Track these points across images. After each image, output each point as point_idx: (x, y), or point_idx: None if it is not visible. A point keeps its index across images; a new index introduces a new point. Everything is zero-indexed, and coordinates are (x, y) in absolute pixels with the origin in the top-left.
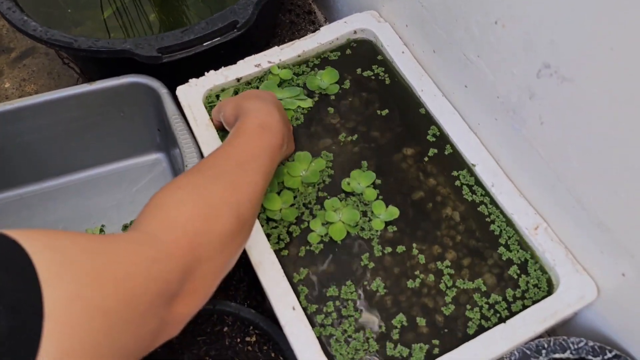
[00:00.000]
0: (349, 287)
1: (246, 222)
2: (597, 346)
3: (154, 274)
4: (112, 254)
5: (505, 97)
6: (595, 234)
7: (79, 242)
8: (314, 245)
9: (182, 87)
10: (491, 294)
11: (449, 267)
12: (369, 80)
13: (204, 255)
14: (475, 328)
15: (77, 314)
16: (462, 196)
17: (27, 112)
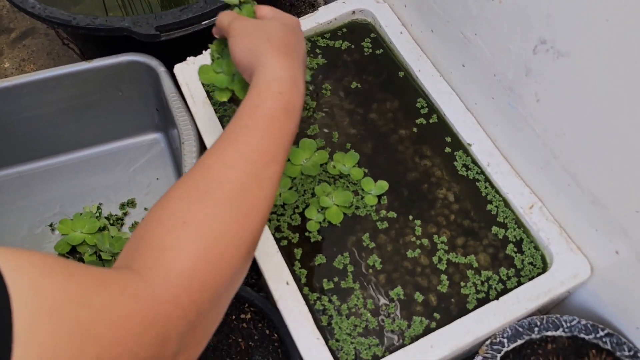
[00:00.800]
0: (345, 263)
1: (255, 248)
2: (590, 324)
3: (146, 340)
4: (101, 309)
5: (502, 75)
6: (589, 212)
7: (69, 286)
8: (314, 233)
9: (180, 65)
10: (485, 271)
11: (444, 244)
12: (366, 62)
13: (207, 308)
14: (469, 304)
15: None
16: (458, 176)
17: (26, 89)
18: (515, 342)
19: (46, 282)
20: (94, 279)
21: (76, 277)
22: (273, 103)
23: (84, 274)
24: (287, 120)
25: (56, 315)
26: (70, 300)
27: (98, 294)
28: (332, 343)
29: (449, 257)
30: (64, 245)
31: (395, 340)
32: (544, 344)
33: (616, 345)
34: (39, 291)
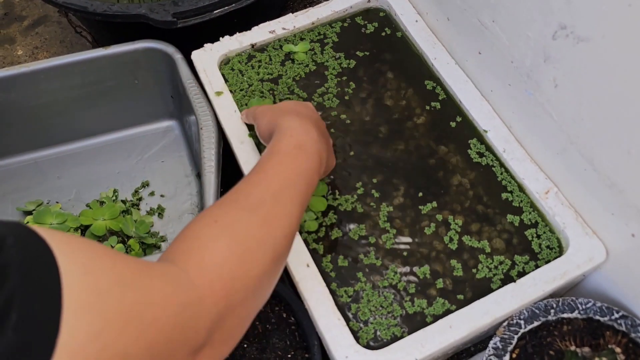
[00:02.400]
0: (363, 245)
1: (280, 259)
2: (605, 307)
3: (181, 321)
4: (144, 291)
5: (520, 62)
6: (606, 196)
7: (116, 269)
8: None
9: (197, 51)
10: (501, 255)
11: (459, 229)
12: (380, 50)
13: (237, 301)
14: (485, 288)
15: (93, 354)
16: (473, 163)
17: (43, 75)
18: (532, 323)
19: (95, 264)
20: (136, 265)
21: (120, 262)
22: (286, 142)
23: (126, 260)
24: (300, 154)
25: (104, 295)
26: (116, 282)
27: (140, 277)
28: (352, 324)
29: (465, 242)
30: (88, 236)
31: (413, 321)
32: (560, 325)
33: (631, 327)
34: (88, 272)
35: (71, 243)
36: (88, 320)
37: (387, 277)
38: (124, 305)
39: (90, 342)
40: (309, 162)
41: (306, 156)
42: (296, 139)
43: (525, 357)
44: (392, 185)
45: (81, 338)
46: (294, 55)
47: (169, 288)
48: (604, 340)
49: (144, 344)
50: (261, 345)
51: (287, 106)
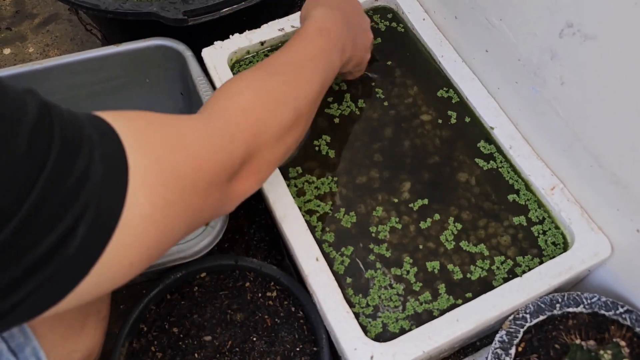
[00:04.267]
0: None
1: (302, 116)
2: (610, 301)
3: (218, 148)
4: (183, 127)
5: (527, 60)
6: (611, 192)
7: (152, 117)
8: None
9: (208, 49)
10: (508, 251)
11: (468, 224)
12: (388, 48)
13: (263, 142)
14: (493, 282)
15: (158, 174)
16: (480, 159)
17: (55, 71)
18: (538, 317)
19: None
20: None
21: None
22: (310, 26)
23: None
24: (321, 36)
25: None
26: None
27: (179, 119)
28: (361, 317)
29: (471, 238)
30: None
31: (421, 315)
32: (565, 319)
33: (635, 321)
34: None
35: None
36: (145, 152)
37: (395, 271)
38: (169, 138)
39: (153, 166)
40: (330, 43)
41: (328, 39)
42: (320, 24)
43: (531, 351)
44: (398, 181)
45: (145, 164)
46: None
47: (202, 124)
48: (609, 335)
49: (192, 165)
50: (270, 338)
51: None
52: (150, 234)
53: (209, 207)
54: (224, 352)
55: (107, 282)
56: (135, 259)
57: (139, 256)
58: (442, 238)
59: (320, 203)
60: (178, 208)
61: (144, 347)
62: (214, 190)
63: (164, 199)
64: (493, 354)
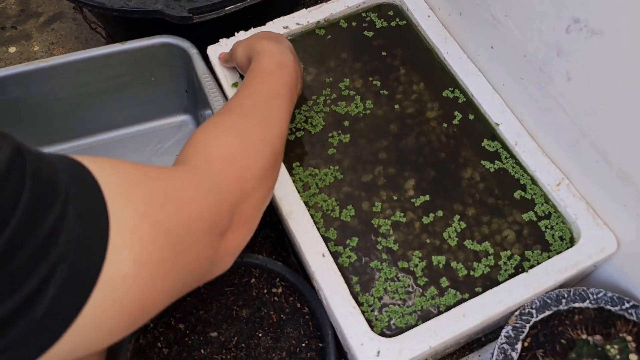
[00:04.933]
0: (377, 235)
1: (278, 156)
2: (616, 296)
3: (209, 203)
4: (171, 181)
5: (532, 56)
6: (617, 187)
7: (140, 169)
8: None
9: (213, 46)
10: (514, 247)
11: (473, 220)
12: (393, 44)
13: (249, 189)
14: (499, 277)
15: (145, 230)
16: (485, 155)
17: (61, 70)
18: (544, 313)
19: (122, 166)
20: (156, 166)
21: (142, 165)
22: (267, 62)
23: (151, 166)
24: (282, 71)
25: (138, 185)
26: (144, 176)
27: (164, 172)
28: (367, 313)
29: (476, 234)
30: None
31: (427, 310)
32: (571, 315)
33: None
34: (119, 172)
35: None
36: (133, 206)
37: (401, 267)
38: (159, 190)
39: (140, 221)
40: (290, 77)
41: (287, 73)
42: (276, 59)
43: (537, 346)
44: (403, 178)
45: (131, 220)
46: None
47: (190, 177)
48: (615, 330)
49: (183, 221)
50: (275, 334)
51: (260, 34)
52: (134, 296)
53: (201, 266)
54: (229, 348)
55: (84, 349)
56: (116, 324)
57: (121, 321)
58: (446, 234)
59: (326, 199)
60: (166, 268)
61: (151, 343)
62: (206, 248)
63: (150, 257)
64: (499, 349)
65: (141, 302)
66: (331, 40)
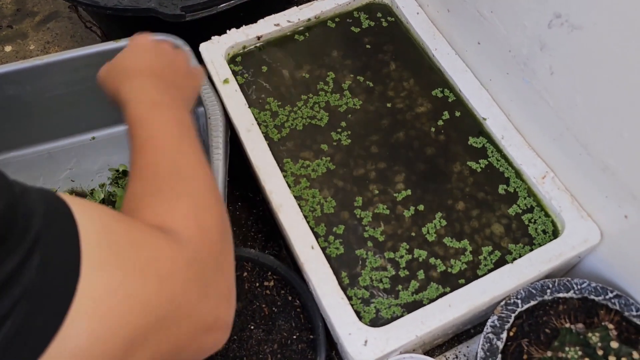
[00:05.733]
0: (364, 229)
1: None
2: (600, 287)
3: (190, 276)
4: (156, 249)
5: (517, 51)
6: (600, 179)
7: (131, 232)
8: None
9: (205, 44)
10: (500, 239)
11: (461, 214)
12: (382, 42)
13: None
14: (481, 270)
15: (117, 302)
16: (472, 149)
17: (57, 67)
18: (529, 303)
19: (111, 226)
20: (144, 227)
21: (133, 225)
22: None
23: (136, 223)
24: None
25: (121, 253)
26: (131, 242)
27: (151, 238)
28: (354, 304)
29: (464, 228)
30: None
31: (413, 301)
32: (556, 305)
33: (624, 305)
34: (106, 232)
35: (88, 206)
36: (108, 274)
37: (387, 260)
38: (141, 261)
39: (112, 292)
40: (177, 111)
41: (172, 109)
42: (147, 101)
43: (522, 335)
44: (393, 172)
45: (102, 289)
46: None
47: (175, 247)
48: (598, 319)
49: (165, 296)
50: (267, 327)
51: (120, 66)
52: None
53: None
54: None
55: None
56: None
57: None
58: (433, 227)
59: (316, 193)
60: (137, 349)
61: None
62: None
63: (113, 334)
64: (485, 338)
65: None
66: (322, 37)
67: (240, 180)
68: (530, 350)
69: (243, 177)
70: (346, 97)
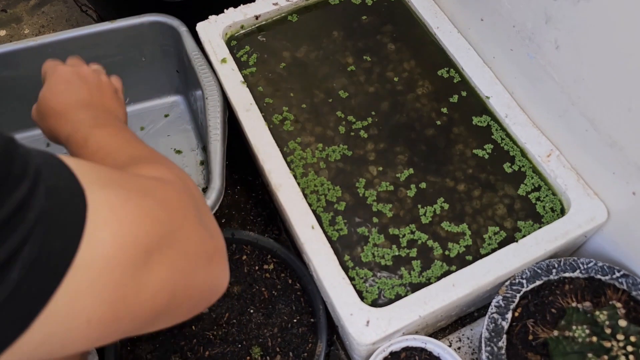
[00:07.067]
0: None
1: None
2: (606, 266)
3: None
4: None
5: (522, 25)
6: (607, 156)
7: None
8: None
9: (202, 23)
10: (505, 219)
11: (464, 195)
12: (384, 21)
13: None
14: (488, 249)
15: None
16: (476, 129)
17: (50, 49)
18: (534, 283)
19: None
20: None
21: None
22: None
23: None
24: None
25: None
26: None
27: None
28: (357, 284)
29: (467, 209)
30: None
31: (416, 282)
32: (562, 284)
33: (632, 285)
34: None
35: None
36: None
37: (390, 240)
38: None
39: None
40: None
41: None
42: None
43: (528, 315)
44: (394, 153)
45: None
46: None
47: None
48: (605, 298)
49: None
50: (267, 310)
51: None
52: (115, 282)
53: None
54: (221, 324)
55: (58, 345)
56: (95, 315)
57: (100, 312)
58: (431, 211)
59: (315, 173)
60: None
61: None
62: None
63: (134, 241)
64: (490, 318)
65: (124, 293)
66: (322, 17)
67: (239, 163)
68: (536, 330)
69: (242, 161)
70: (347, 78)
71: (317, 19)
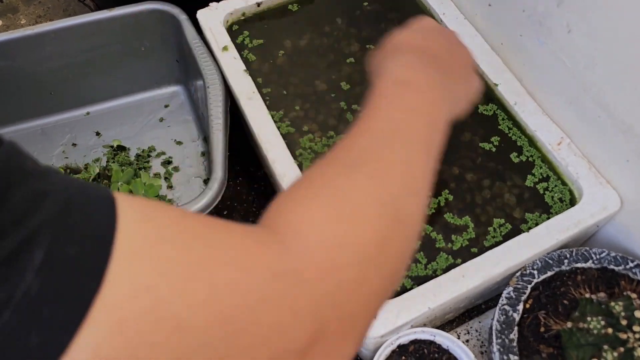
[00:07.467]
0: None
1: (408, 220)
2: (620, 256)
3: (273, 295)
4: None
5: (532, 9)
6: (620, 142)
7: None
8: None
9: (203, 10)
10: (514, 209)
11: (472, 185)
12: (388, 8)
13: (352, 277)
14: (499, 238)
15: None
16: (483, 118)
17: (48, 37)
18: (545, 273)
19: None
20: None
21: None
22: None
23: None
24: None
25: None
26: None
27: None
28: None
29: (473, 200)
30: None
31: (423, 274)
32: (574, 275)
33: None
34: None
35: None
36: (139, 269)
37: None
38: (190, 258)
39: (138, 295)
40: (420, 97)
41: (415, 91)
42: (395, 75)
43: (539, 307)
44: None
45: (126, 289)
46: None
47: (256, 248)
48: (619, 289)
49: (213, 314)
50: None
51: (395, 38)
52: None
53: None
54: None
55: None
56: None
57: None
58: (436, 202)
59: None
60: None
61: None
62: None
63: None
64: (500, 310)
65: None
66: (325, 5)
67: (241, 155)
68: (548, 322)
69: (243, 152)
70: (351, 66)
71: (320, 6)
